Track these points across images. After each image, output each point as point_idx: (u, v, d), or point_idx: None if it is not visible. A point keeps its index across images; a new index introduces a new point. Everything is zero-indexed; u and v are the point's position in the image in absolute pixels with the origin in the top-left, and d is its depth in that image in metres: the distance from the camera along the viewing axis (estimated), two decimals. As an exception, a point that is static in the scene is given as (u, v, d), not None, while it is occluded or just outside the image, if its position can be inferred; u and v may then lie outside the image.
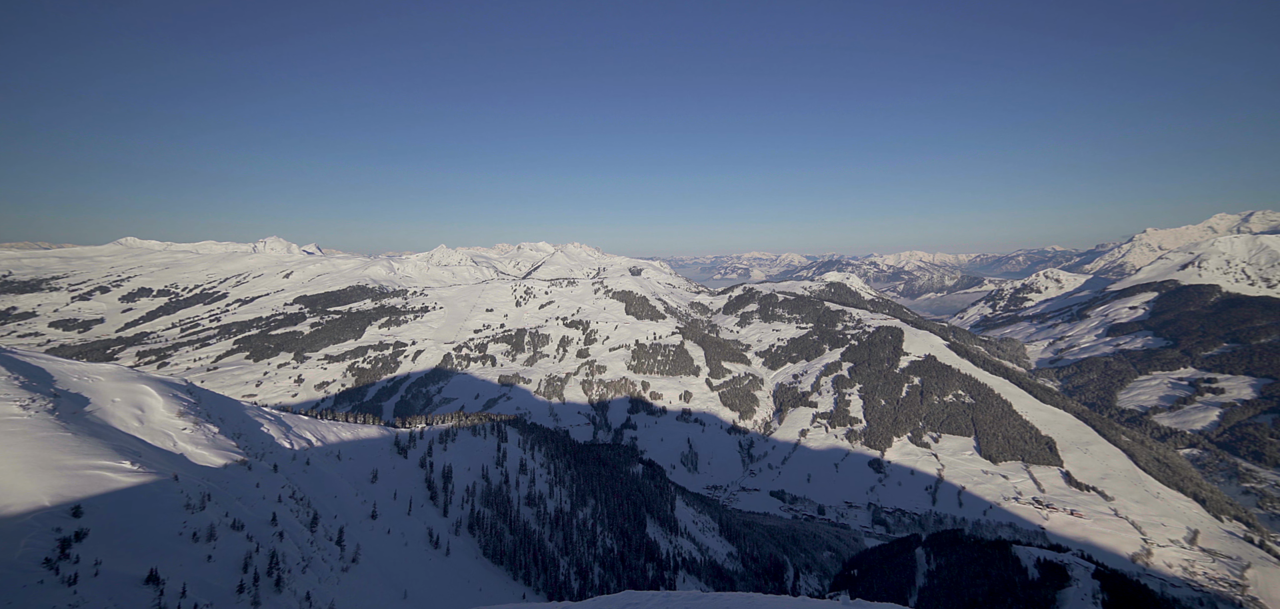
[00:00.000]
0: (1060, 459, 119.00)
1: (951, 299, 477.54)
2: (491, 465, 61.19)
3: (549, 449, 71.20)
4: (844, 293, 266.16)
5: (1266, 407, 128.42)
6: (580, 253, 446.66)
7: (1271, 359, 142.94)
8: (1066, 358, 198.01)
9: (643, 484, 76.42)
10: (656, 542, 61.80)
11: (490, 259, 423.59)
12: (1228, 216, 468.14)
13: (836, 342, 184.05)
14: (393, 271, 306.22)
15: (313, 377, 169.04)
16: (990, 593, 55.81)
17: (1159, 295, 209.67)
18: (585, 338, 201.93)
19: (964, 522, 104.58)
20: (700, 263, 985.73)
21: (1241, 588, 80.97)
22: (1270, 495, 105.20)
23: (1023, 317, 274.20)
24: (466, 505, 52.86)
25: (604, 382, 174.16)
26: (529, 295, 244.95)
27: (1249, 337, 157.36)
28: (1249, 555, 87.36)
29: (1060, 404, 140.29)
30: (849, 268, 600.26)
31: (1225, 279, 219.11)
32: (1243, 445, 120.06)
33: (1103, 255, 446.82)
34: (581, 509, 61.34)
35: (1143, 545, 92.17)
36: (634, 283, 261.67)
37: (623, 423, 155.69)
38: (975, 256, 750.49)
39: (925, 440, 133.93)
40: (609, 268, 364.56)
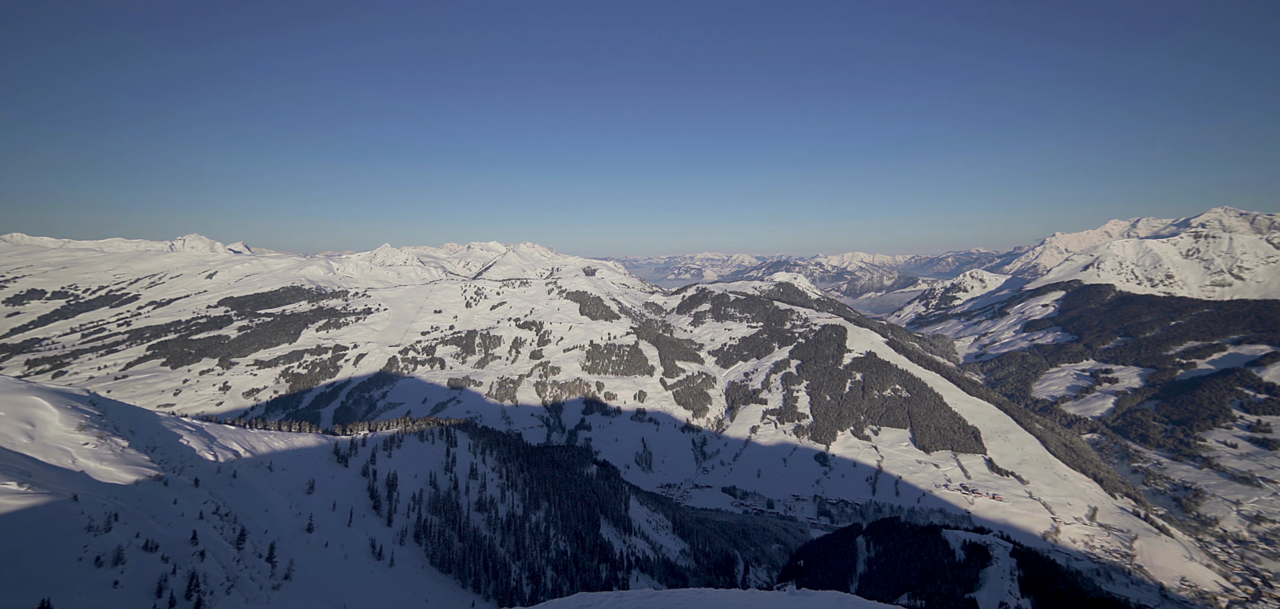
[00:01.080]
0: (984, 447, 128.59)
1: (889, 298, 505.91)
2: (440, 471, 59.15)
3: (501, 453, 69.65)
4: (792, 293, 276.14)
5: (1151, 393, 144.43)
6: (533, 253, 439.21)
7: (1155, 351, 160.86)
8: (990, 352, 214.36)
9: (597, 485, 76.20)
10: (610, 542, 61.80)
11: (439, 259, 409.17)
12: (1120, 222, 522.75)
13: (785, 340, 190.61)
14: (332, 272, 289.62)
15: (241, 384, 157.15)
16: (923, 575, 59.65)
17: (1066, 294, 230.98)
18: (539, 339, 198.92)
19: (900, 509, 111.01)
20: (654, 263, 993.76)
21: (1130, 557, 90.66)
22: (1154, 473, 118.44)
23: (952, 314, 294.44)
24: (413, 514, 50.83)
25: (558, 383, 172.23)
26: (480, 296, 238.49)
27: (1137, 330, 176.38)
28: (1137, 528, 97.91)
29: (984, 396, 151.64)
30: (796, 268, 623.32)
31: (1118, 279, 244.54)
32: (1132, 429, 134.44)
33: (1020, 257, 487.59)
34: (534, 513, 60.41)
35: (1052, 524, 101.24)
36: (588, 283, 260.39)
37: (577, 424, 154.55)
38: (910, 258, 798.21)
39: (866, 433, 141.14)
40: (563, 268, 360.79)
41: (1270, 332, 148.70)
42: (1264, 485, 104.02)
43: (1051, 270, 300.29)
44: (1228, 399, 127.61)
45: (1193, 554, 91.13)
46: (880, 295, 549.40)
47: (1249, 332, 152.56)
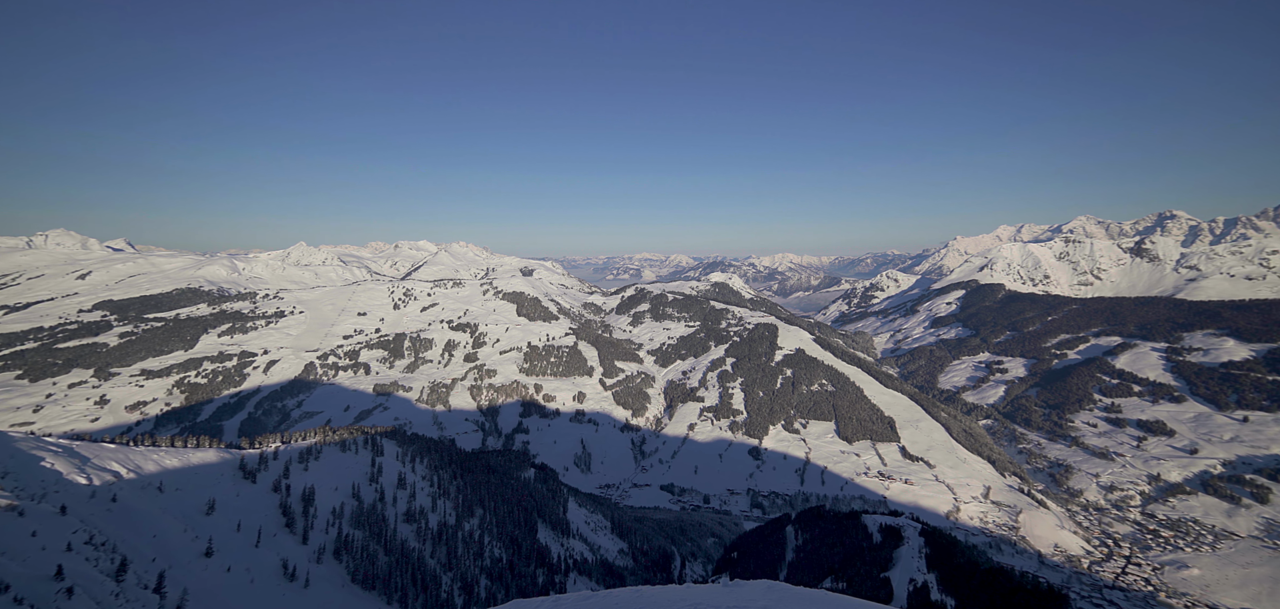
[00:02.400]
0: (898, 436, 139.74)
1: (816, 297, 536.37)
2: (364, 482, 55.64)
3: (432, 460, 66.64)
4: (727, 292, 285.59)
5: (1033, 382, 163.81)
6: (467, 253, 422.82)
7: (1036, 343, 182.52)
8: (903, 347, 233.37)
9: (535, 489, 74.89)
10: (548, 546, 60.99)
11: (362, 258, 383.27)
12: (1008, 228, 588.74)
13: (721, 339, 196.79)
14: (238, 272, 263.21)
15: (123, 397, 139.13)
16: (845, 558, 63.83)
17: (965, 293, 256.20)
18: (473, 341, 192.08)
19: (826, 498, 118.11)
20: (593, 263, 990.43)
21: (1015, 530, 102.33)
22: (1035, 453, 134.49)
23: (871, 312, 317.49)
24: (332, 529, 47.45)
25: (494, 386, 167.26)
26: (409, 297, 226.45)
27: (1022, 325, 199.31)
28: (1021, 503, 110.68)
29: (899, 388, 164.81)
30: (731, 268, 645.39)
31: (1007, 279, 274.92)
32: (1018, 414, 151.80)
33: (928, 258, 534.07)
34: (468, 520, 58.37)
35: (954, 503, 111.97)
36: (526, 284, 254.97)
37: (514, 427, 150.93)
38: (835, 259, 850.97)
39: (796, 427, 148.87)
40: (499, 268, 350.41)
41: (1121, 325, 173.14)
42: (1116, 459, 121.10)
43: (953, 271, 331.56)
44: (1090, 385, 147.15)
45: (1063, 523, 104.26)
46: (808, 294, 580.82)
47: (1105, 325, 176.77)
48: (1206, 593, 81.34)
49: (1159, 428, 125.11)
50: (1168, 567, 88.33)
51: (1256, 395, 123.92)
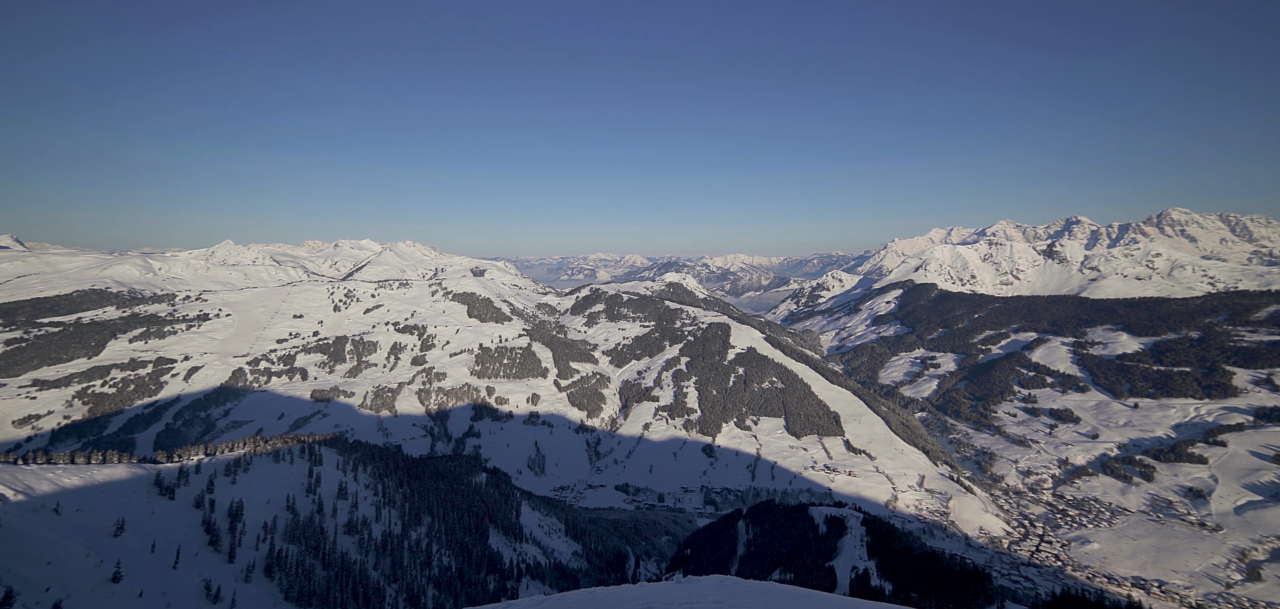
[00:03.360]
0: (843, 430, 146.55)
1: (767, 297, 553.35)
2: (300, 494, 52.45)
3: (376, 468, 63.72)
4: (681, 292, 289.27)
5: (962, 375, 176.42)
6: (414, 252, 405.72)
7: (965, 339, 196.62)
8: (847, 345, 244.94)
9: (486, 493, 73.12)
10: (500, 551, 59.74)
11: (298, 258, 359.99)
12: (939, 230, 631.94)
13: (676, 338, 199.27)
14: (153, 272, 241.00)
15: (10, 410, 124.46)
16: (793, 550, 66.19)
17: (902, 292, 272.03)
18: (422, 343, 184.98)
19: (775, 492, 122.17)
20: (547, 263, 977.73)
21: (946, 515, 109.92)
22: (963, 443, 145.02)
23: (818, 311, 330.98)
24: (264, 545, 44.44)
25: (444, 389, 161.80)
26: (351, 298, 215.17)
27: (953, 322, 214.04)
28: (952, 490, 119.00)
29: (844, 384, 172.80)
30: (685, 269, 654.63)
31: (940, 279, 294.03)
32: (949, 406, 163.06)
33: (869, 259, 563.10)
34: (415, 529, 56.24)
35: (893, 493, 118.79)
36: (477, 284, 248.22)
37: (465, 431, 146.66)
38: (784, 260, 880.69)
39: (748, 424, 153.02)
40: (448, 268, 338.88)
41: (1036, 321, 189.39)
42: (1032, 445, 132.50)
43: (892, 272, 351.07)
44: (1011, 377, 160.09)
45: (988, 507, 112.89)
46: (759, 294, 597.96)
47: (1023, 322, 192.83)
48: (1104, 564, 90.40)
49: (1067, 416, 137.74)
50: (1073, 542, 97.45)
51: (1145, 384, 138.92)
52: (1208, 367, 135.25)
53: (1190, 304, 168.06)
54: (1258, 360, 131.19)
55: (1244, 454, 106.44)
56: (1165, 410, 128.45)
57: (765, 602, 23.44)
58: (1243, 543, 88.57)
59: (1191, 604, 78.19)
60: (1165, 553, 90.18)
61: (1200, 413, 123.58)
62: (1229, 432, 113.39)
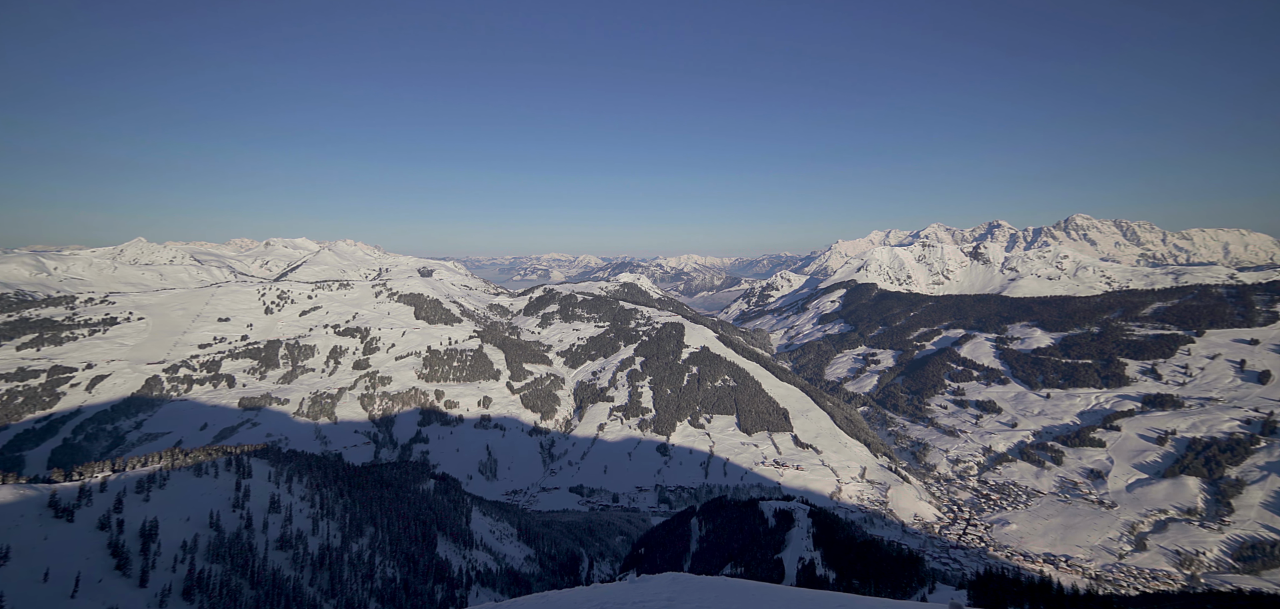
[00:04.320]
0: (791, 426, 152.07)
1: (719, 297, 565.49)
2: (226, 509, 48.79)
3: (314, 478, 60.22)
4: (636, 292, 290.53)
5: (900, 371, 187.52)
6: (355, 252, 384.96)
7: (902, 336, 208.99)
8: (795, 343, 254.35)
9: (434, 500, 70.74)
10: (448, 560, 57.98)
11: (224, 257, 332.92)
12: (878, 232, 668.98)
13: (630, 338, 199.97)
14: (46, 272, 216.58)
15: None
16: (743, 544, 68.16)
17: (846, 292, 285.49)
18: (365, 347, 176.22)
19: (728, 488, 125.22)
20: (499, 263, 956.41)
21: (885, 504, 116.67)
22: (901, 435, 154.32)
23: (768, 310, 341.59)
24: (182, 565, 41.03)
25: (389, 394, 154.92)
26: (284, 300, 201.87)
27: (891, 320, 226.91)
28: (890, 480, 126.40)
29: (792, 381, 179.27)
30: (639, 269, 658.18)
31: (880, 279, 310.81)
32: (889, 400, 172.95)
33: (815, 259, 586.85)
34: (356, 540, 53.62)
35: (837, 485, 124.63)
36: (425, 285, 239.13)
37: (412, 437, 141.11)
38: (735, 260, 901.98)
39: (701, 422, 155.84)
40: (394, 268, 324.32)
41: (964, 318, 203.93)
42: (960, 435, 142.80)
43: (836, 272, 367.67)
44: (942, 372, 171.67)
45: (922, 495, 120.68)
46: (712, 294, 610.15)
47: (953, 319, 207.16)
48: (1021, 543, 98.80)
49: (991, 407, 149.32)
50: (995, 524, 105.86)
51: (1055, 376, 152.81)
52: (1106, 358, 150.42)
53: (1091, 302, 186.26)
54: (1145, 352, 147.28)
55: (1134, 437, 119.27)
56: (1072, 399, 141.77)
57: (715, 596, 24.09)
58: (1133, 517, 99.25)
59: (1091, 575, 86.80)
60: (1071, 530, 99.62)
61: (1100, 401, 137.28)
62: (1122, 417, 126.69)
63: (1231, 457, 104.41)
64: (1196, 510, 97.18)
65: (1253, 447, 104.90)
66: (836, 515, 77.12)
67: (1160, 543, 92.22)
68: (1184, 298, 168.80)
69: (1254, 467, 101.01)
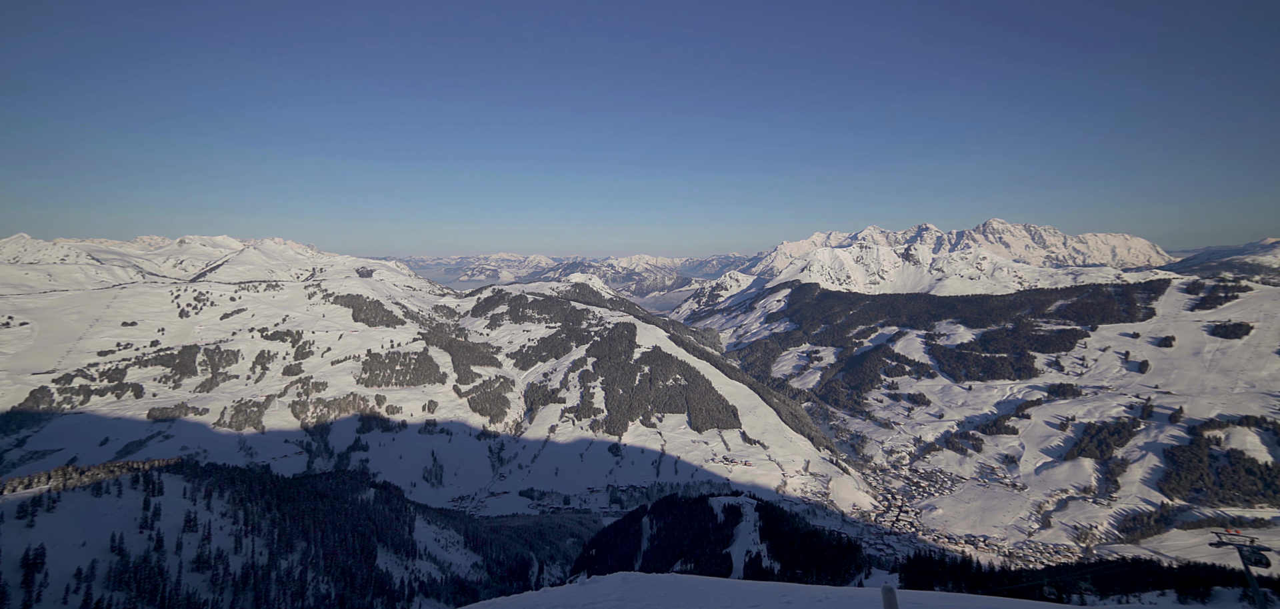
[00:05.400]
0: (740, 422, 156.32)
1: (670, 297, 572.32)
2: (131, 531, 44.27)
3: (237, 492, 55.78)
4: (587, 293, 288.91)
5: (840, 367, 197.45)
6: (285, 251, 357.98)
7: (842, 334, 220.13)
8: (744, 341, 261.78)
9: (374, 510, 67.35)
10: (389, 572, 55.41)
11: (129, 256, 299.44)
12: (820, 234, 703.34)
13: (582, 339, 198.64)
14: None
15: None
16: (693, 540, 69.35)
17: (791, 292, 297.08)
18: (296, 351, 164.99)
19: (679, 486, 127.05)
20: (444, 263, 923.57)
21: (826, 496, 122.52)
22: (841, 428, 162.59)
23: (717, 310, 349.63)
24: (76, 595, 36.87)
25: (324, 400, 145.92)
26: (203, 302, 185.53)
27: (833, 319, 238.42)
28: (831, 473, 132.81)
29: (741, 379, 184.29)
30: (591, 269, 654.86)
31: (822, 279, 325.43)
32: (830, 396, 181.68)
33: (762, 260, 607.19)
34: (286, 557, 50.17)
35: (783, 478, 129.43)
36: (364, 285, 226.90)
37: (350, 445, 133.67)
38: (686, 260, 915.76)
39: (653, 421, 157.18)
40: (329, 268, 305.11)
41: (898, 317, 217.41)
42: (894, 427, 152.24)
43: (782, 272, 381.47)
44: (878, 368, 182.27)
45: (860, 485, 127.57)
46: (663, 294, 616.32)
47: (887, 317, 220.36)
48: (946, 526, 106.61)
49: (921, 400, 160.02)
50: (924, 510, 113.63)
51: (976, 369, 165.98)
52: (1018, 352, 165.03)
53: (1006, 300, 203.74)
54: (1050, 346, 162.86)
55: (1041, 424, 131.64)
56: (990, 391, 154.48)
57: (665, 593, 24.47)
58: (1040, 497, 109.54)
59: (1005, 553, 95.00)
60: (989, 511, 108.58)
61: (1013, 392, 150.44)
62: (1032, 406, 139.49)
63: (1118, 439, 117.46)
64: (1091, 489, 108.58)
65: (1134, 429, 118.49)
66: (782, 508, 80.00)
67: (1062, 520, 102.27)
68: (1081, 296, 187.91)
69: (1135, 447, 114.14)
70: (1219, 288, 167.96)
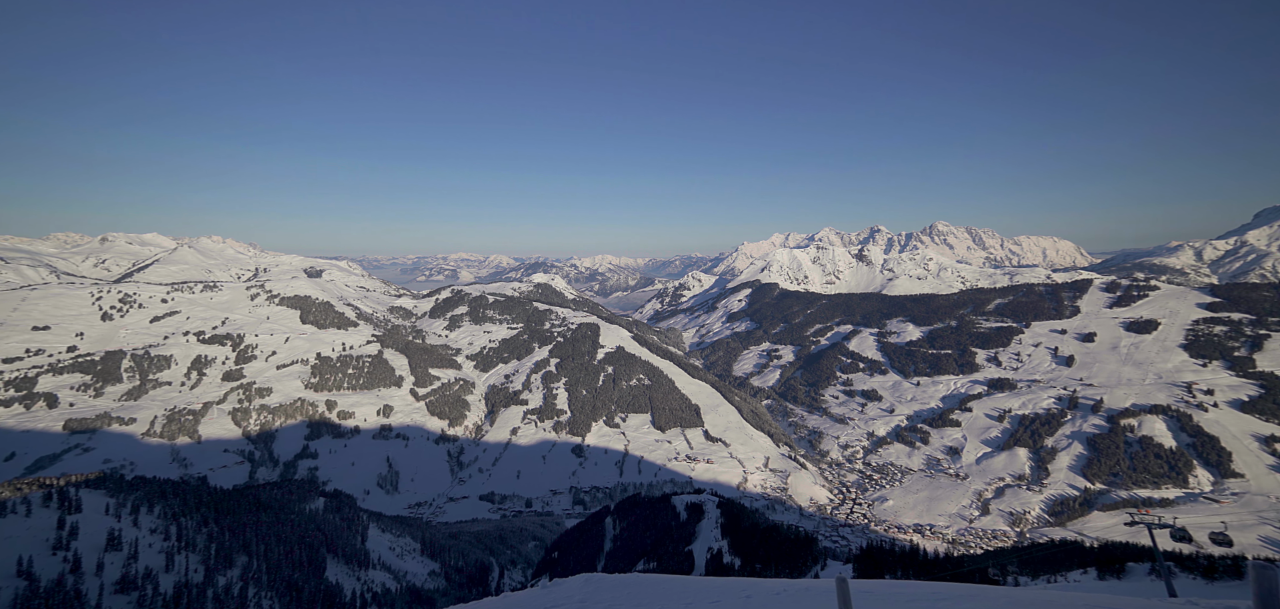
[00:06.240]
0: (702, 421, 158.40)
1: (634, 297, 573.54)
2: (42, 552, 40.50)
3: (169, 506, 51.98)
4: (550, 293, 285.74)
5: (799, 365, 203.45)
6: (223, 250, 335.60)
7: (801, 333, 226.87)
8: (706, 340, 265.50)
9: (324, 520, 64.25)
10: (340, 584, 53.01)
11: (41, 255, 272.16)
12: (779, 235, 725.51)
13: (545, 340, 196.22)
14: None
15: None
16: (656, 539, 69.65)
17: (751, 291, 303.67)
18: (237, 355, 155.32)
19: (642, 485, 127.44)
20: (400, 263, 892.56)
21: (785, 491, 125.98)
22: (800, 425, 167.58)
23: (680, 310, 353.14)
24: (-19, 632, 33.39)
25: (269, 407, 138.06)
26: (129, 304, 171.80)
27: (791, 317, 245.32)
28: (790, 468, 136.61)
29: (703, 378, 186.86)
30: (554, 269, 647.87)
31: (781, 279, 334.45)
32: (789, 393, 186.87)
33: (724, 260, 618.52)
34: (225, 573, 47.13)
35: (743, 475, 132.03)
36: (313, 286, 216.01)
37: (298, 452, 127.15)
38: (649, 260, 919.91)
39: (616, 421, 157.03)
40: (274, 268, 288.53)
41: (852, 315, 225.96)
42: (849, 423, 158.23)
43: (743, 272, 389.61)
44: (835, 365, 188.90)
45: (817, 480, 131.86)
46: (626, 294, 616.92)
47: (843, 316, 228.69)
48: (896, 516, 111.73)
49: (874, 395, 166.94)
50: (876, 502, 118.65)
51: (924, 365, 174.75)
52: (961, 349, 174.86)
53: (950, 299, 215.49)
54: (989, 342, 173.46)
55: (982, 416, 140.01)
56: (936, 386, 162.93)
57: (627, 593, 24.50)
58: (980, 486, 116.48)
59: (948, 540, 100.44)
60: (935, 501, 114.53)
61: (957, 386, 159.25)
62: (974, 399, 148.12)
63: (1048, 429, 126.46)
64: (1025, 476, 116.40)
65: (1062, 420, 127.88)
66: (743, 505, 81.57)
67: (999, 506, 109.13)
68: (1016, 295, 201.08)
69: (1063, 436, 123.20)
70: (1133, 287, 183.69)
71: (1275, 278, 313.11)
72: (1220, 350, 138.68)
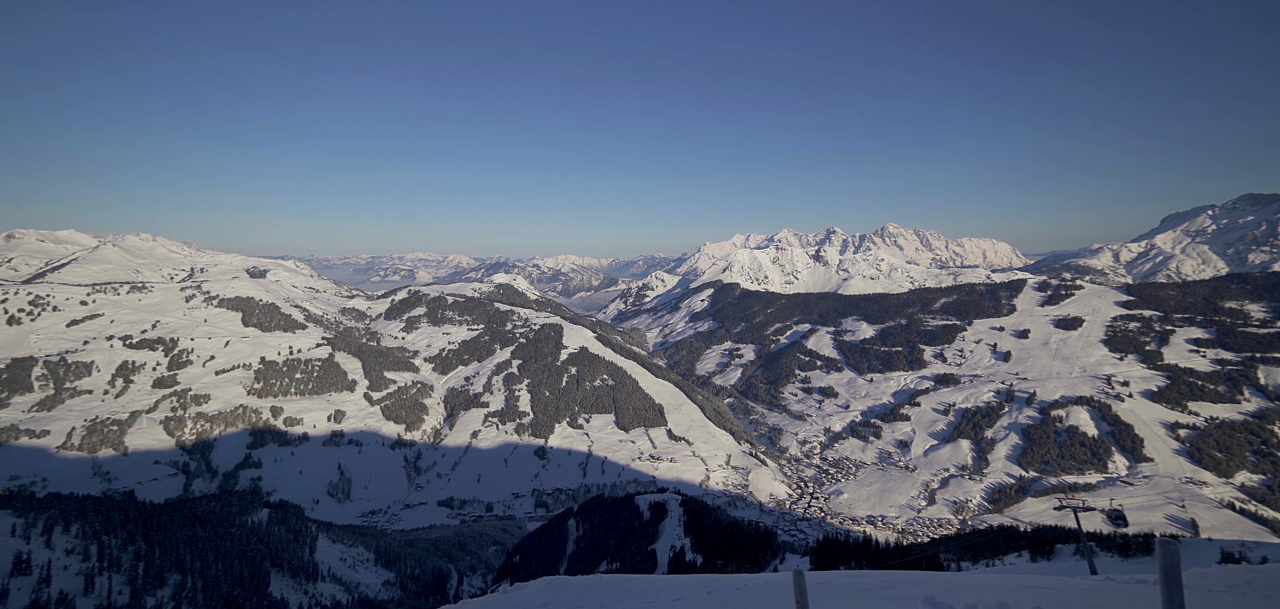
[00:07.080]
0: (666, 420, 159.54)
1: (598, 297, 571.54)
2: (-63, 587, 36.38)
3: (88, 525, 47.79)
4: (512, 293, 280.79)
5: (759, 363, 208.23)
6: (154, 248, 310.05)
7: (761, 332, 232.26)
8: (670, 340, 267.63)
9: (268, 533, 60.76)
10: (285, 599, 50.28)
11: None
12: (740, 235, 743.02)
13: (507, 341, 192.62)
14: None
15: None
16: (619, 539, 69.64)
17: (714, 292, 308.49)
18: (170, 361, 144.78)
19: (606, 486, 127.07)
20: (353, 263, 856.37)
21: (746, 487, 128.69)
22: (760, 422, 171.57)
23: (644, 310, 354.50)
24: None
25: (206, 415, 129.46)
26: (41, 306, 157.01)
27: (752, 317, 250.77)
28: (751, 465, 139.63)
29: (667, 377, 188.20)
30: (515, 269, 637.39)
31: (742, 279, 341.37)
32: (751, 391, 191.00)
33: (687, 261, 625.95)
34: (154, 593, 43.81)
35: (706, 473, 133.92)
36: (256, 286, 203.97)
37: (240, 462, 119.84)
38: (612, 261, 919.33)
39: (580, 422, 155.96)
40: (212, 268, 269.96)
41: (810, 314, 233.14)
42: (807, 419, 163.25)
43: (705, 273, 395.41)
44: (794, 363, 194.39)
45: (777, 476, 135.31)
46: (590, 294, 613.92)
47: (801, 315, 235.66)
48: (851, 509, 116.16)
49: (830, 392, 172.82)
50: (832, 495, 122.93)
51: (877, 362, 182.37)
52: (911, 346, 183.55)
53: (900, 298, 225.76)
54: (936, 340, 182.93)
55: (929, 410, 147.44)
56: (888, 382, 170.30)
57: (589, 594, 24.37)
58: (927, 477, 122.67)
59: (898, 529, 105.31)
60: (887, 493, 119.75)
61: (907, 382, 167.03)
62: (922, 394, 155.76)
63: (988, 421, 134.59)
64: (967, 467, 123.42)
65: (1000, 412, 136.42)
66: (705, 503, 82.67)
67: (944, 496, 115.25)
68: (960, 294, 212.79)
69: (1002, 427, 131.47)
70: (1061, 287, 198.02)
71: (1179, 278, 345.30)
72: (1134, 345, 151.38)
